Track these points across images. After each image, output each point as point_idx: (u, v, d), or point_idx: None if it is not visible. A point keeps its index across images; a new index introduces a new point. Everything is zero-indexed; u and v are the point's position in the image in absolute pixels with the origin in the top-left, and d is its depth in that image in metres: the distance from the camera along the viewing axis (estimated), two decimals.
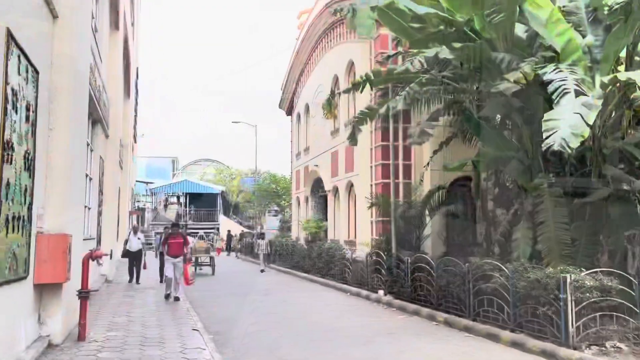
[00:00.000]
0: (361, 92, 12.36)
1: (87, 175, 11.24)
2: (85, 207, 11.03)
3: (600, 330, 7.15)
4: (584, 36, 9.06)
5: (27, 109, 5.48)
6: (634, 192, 8.94)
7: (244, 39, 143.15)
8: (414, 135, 11.51)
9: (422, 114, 13.98)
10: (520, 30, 9.83)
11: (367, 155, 17.16)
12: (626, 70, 9.14)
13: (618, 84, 7.90)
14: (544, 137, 6.97)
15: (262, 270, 21.10)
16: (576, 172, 9.62)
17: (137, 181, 40.87)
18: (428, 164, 14.77)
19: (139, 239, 15.06)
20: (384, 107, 10.17)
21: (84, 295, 7.12)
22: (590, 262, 8.98)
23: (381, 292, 12.51)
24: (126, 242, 15.25)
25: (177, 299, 11.45)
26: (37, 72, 5.79)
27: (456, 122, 14.36)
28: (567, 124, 6.85)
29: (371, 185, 16.86)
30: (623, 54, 9.38)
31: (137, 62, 29.11)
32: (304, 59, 25.44)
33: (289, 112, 29.68)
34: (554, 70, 8.00)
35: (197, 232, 43.09)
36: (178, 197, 49.52)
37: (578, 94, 7.46)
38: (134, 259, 14.96)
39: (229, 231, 39.46)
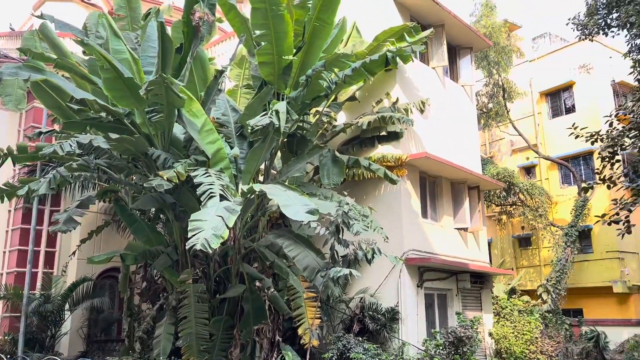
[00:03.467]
0: None
1: None
2: None
3: None
4: (232, 147, 10.20)
5: None
6: (264, 289, 10.11)
7: None
8: (60, 221, 10.49)
9: (73, 198, 13.03)
10: (179, 131, 10.41)
11: (1, 239, 14.71)
12: (264, 181, 10.64)
13: (256, 193, 9.02)
14: (189, 235, 7.29)
15: None
16: (219, 269, 10.34)
17: None
18: (74, 252, 13.62)
19: None
20: (25, 189, 9.05)
21: None
22: (224, 356, 9.55)
23: None
24: None
25: None
26: None
27: (111, 210, 13.89)
28: (211, 225, 7.34)
29: (1, 274, 14.35)
30: (263, 167, 10.98)
31: None
32: None
33: None
34: (204, 174, 8.66)
35: None
36: None
37: (222, 198, 8.19)
38: None
39: None
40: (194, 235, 7.19)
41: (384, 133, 12.55)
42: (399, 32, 11.42)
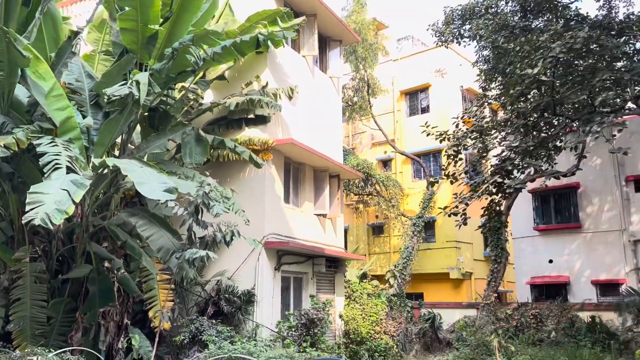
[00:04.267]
0: None
1: None
2: None
3: None
4: (85, 117, 9.41)
5: None
6: (113, 269, 9.52)
7: None
8: None
9: None
10: (22, 94, 9.34)
11: None
12: (119, 156, 9.98)
13: (109, 168, 8.43)
14: (27, 209, 6.61)
15: None
16: (63, 247, 9.52)
17: None
18: None
19: None
20: None
21: None
22: (64, 341, 8.86)
23: None
24: None
25: None
26: None
27: None
28: (53, 199, 6.74)
29: None
30: (120, 140, 10.28)
31: None
32: None
33: None
34: (50, 143, 7.90)
35: None
36: None
37: (70, 171, 7.54)
38: None
39: None
40: (32, 209, 6.55)
41: (251, 116, 12.48)
42: (272, 15, 11.38)
